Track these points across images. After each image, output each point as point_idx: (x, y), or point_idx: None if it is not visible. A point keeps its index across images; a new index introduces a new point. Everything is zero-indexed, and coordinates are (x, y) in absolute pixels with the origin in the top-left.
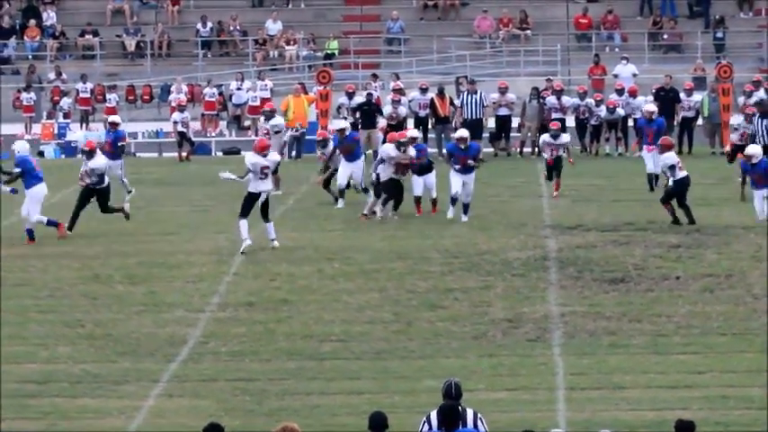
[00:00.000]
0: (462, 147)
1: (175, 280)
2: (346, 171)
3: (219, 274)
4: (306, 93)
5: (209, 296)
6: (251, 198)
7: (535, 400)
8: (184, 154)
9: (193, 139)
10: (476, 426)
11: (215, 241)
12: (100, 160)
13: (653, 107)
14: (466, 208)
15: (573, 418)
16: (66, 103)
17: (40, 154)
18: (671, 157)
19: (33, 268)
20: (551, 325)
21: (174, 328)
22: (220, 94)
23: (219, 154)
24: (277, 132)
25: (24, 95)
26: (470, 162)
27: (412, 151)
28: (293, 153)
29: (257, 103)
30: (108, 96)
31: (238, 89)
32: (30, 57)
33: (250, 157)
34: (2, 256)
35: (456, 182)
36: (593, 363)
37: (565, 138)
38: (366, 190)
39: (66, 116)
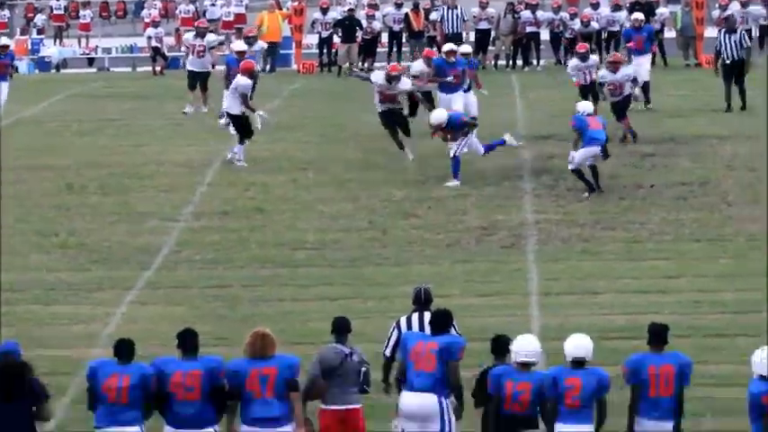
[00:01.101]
0: (452, 60)
1: (149, 190)
2: None
3: (194, 185)
4: (280, 8)
5: (184, 206)
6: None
7: (508, 305)
8: (158, 68)
9: (167, 54)
10: None
11: (188, 153)
12: None
13: (641, 15)
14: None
15: (546, 323)
16: (39, 19)
17: (14, 69)
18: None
19: (5, 180)
20: (525, 232)
21: (148, 238)
22: (195, 9)
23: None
24: (212, 48)
25: None
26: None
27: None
28: (267, 67)
29: (231, 18)
30: (82, 12)
31: (212, 5)
32: None
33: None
34: None
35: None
36: (566, 268)
37: (593, 59)
38: None
39: (40, 32)
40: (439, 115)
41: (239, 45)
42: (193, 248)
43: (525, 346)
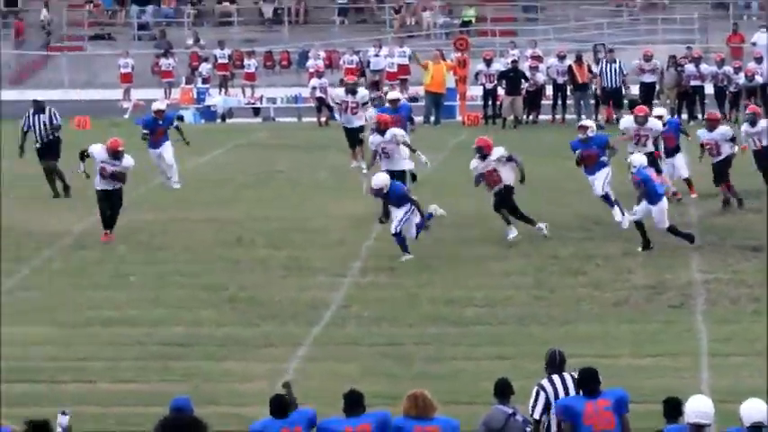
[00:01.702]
0: (584, 137)
1: (316, 244)
2: None
3: (360, 239)
4: (444, 59)
5: (351, 261)
6: None
7: (678, 367)
8: (323, 119)
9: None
10: None
11: (354, 207)
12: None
13: None
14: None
15: (716, 384)
16: (204, 68)
17: (180, 118)
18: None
19: (173, 232)
20: (694, 291)
21: (316, 293)
22: (359, 60)
23: None
24: (365, 104)
25: (163, 61)
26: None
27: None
28: (431, 118)
29: (395, 69)
30: (246, 62)
31: (376, 56)
32: (165, 23)
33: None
34: (146, 220)
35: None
36: (736, 330)
37: (763, 123)
38: None
39: (205, 81)
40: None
41: (394, 94)
42: (361, 305)
43: (699, 408)
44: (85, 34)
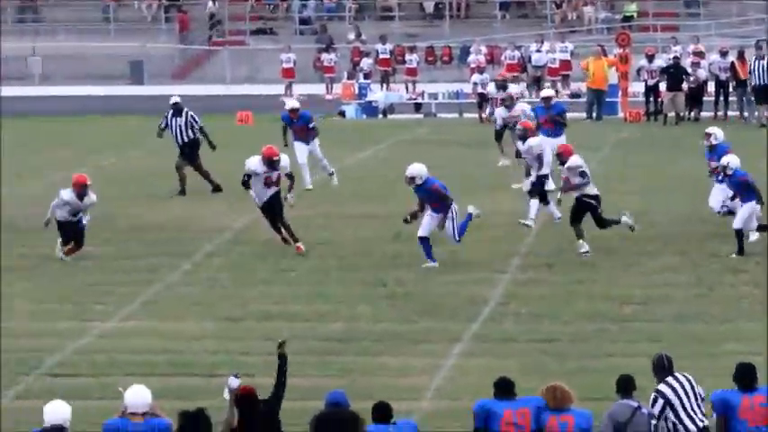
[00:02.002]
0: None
1: (476, 240)
2: None
3: (520, 236)
4: (605, 55)
5: (510, 257)
6: None
7: None
8: (484, 115)
9: None
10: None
11: (513, 204)
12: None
13: None
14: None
15: None
16: (366, 63)
17: (341, 114)
18: None
19: (334, 228)
20: None
21: (474, 289)
22: (521, 56)
23: None
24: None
25: (325, 56)
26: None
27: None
28: (593, 114)
29: (556, 65)
30: (408, 57)
31: (538, 51)
32: (327, 18)
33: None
34: (306, 215)
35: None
36: None
37: None
38: None
39: (366, 77)
40: None
41: (547, 92)
42: (519, 301)
43: None
44: (247, 28)
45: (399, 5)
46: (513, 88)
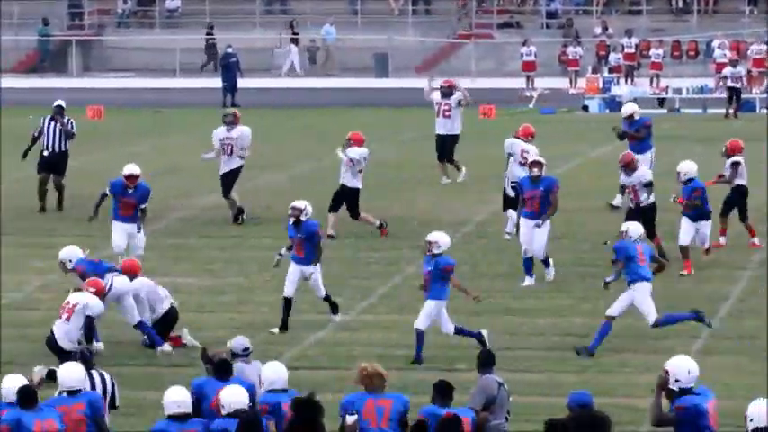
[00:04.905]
0: None
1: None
2: None
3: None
4: None
5: (752, 253)
6: None
7: None
8: (731, 110)
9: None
10: None
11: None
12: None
13: None
14: None
15: None
16: (613, 57)
17: (585, 108)
18: None
19: (573, 222)
20: None
21: (714, 285)
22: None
23: (764, 111)
24: None
25: (570, 50)
26: None
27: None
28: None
29: None
30: (653, 52)
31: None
32: (574, 11)
33: None
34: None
35: None
36: None
37: None
38: None
39: (611, 71)
40: None
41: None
42: (760, 298)
43: None
44: (494, 22)
45: (647, 0)
46: None
